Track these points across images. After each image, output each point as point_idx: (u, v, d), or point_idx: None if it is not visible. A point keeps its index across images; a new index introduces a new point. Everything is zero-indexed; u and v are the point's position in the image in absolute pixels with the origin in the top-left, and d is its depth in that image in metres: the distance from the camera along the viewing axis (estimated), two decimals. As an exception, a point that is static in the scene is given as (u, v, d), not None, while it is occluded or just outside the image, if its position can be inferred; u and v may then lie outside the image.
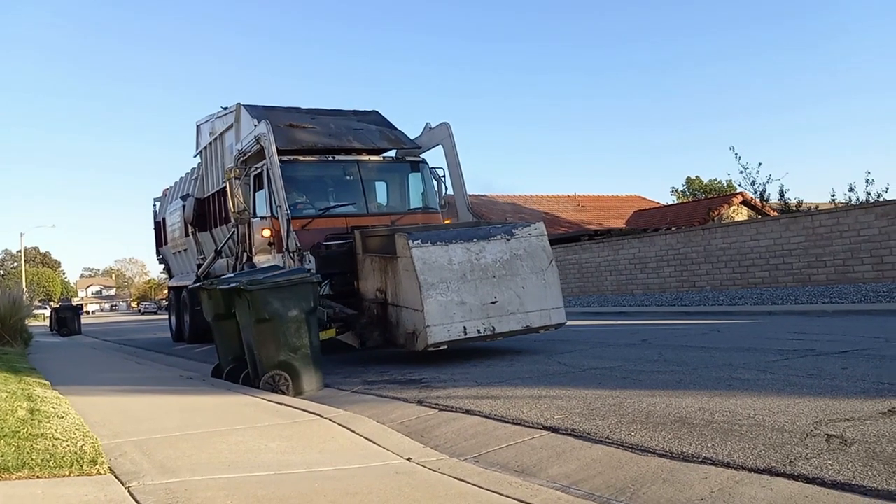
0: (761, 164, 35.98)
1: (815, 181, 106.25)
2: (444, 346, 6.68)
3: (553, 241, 7.66)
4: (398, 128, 10.85)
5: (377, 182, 10.14)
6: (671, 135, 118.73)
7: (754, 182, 21.04)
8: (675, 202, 39.38)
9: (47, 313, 38.03)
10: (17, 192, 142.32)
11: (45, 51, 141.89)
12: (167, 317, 17.18)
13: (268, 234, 8.89)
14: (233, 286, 6.17)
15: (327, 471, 3.24)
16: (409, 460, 3.43)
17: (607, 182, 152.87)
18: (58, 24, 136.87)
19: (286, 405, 5.00)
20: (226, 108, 11.41)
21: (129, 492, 2.81)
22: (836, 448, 2.96)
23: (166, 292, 24.70)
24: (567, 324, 7.63)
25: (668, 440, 3.34)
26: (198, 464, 3.32)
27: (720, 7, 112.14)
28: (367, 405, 5.08)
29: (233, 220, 9.78)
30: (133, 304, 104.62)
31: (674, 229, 20.60)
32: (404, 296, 6.87)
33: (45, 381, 6.95)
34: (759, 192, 21.25)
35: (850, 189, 19.51)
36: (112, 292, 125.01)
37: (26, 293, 17.90)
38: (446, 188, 10.19)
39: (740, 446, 3.11)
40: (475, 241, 7.08)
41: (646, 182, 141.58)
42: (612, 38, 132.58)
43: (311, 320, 6.13)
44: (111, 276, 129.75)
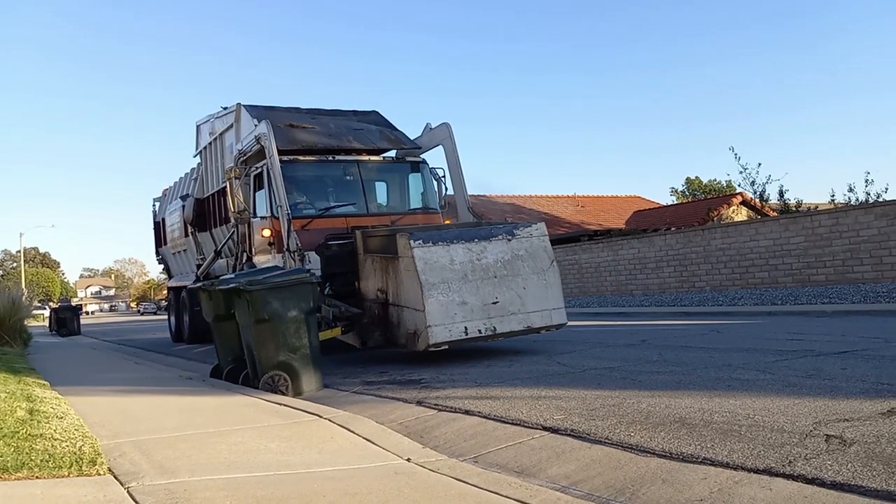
0: (761, 164, 35.98)
1: (814, 181, 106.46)
2: (446, 347, 6.68)
3: (553, 242, 7.66)
4: (398, 128, 10.85)
5: (377, 182, 10.15)
6: (671, 135, 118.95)
7: (754, 182, 21.06)
8: (675, 202, 39.45)
9: (46, 314, 38.01)
10: (16, 193, 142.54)
11: (45, 51, 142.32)
12: (166, 317, 17.19)
13: (268, 234, 8.90)
14: (232, 286, 6.17)
15: (326, 471, 3.24)
16: (409, 461, 3.43)
17: (607, 182, 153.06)
18: (58, 24, 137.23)
19: (285, 405, 4.99)
20: (226, 109, 11.42)
21: (128, 492, 2.81)
22: (835, 448, 2.96)
23: (166, 292, 24.68)
24: (567, 324, 7.64)
25: (668, 441, 3.34)
26: (197, 464, 3.32)
27: (720, 7, 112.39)
28: (367, 405, 5.07)
29: (233, 220, 9.78)
30: (132, 305, 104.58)
31: (673, 230, 20.62)
32: (405, 296, 6.87)
33: (45, 382, 6.95)
34: (758, 193, 21.25)
35: (850, 189, 19.57)
36: (111, 292, 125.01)
37: (25, 293, 17.88)
38: (446, 188, 10.20)
39: (740, 447, 3.11)
40: (476, 241, 7.08)
41: (645, 182, 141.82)
42: (611, 38, 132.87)
43: (311, 320, 6.13)
44: (110, 277, 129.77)
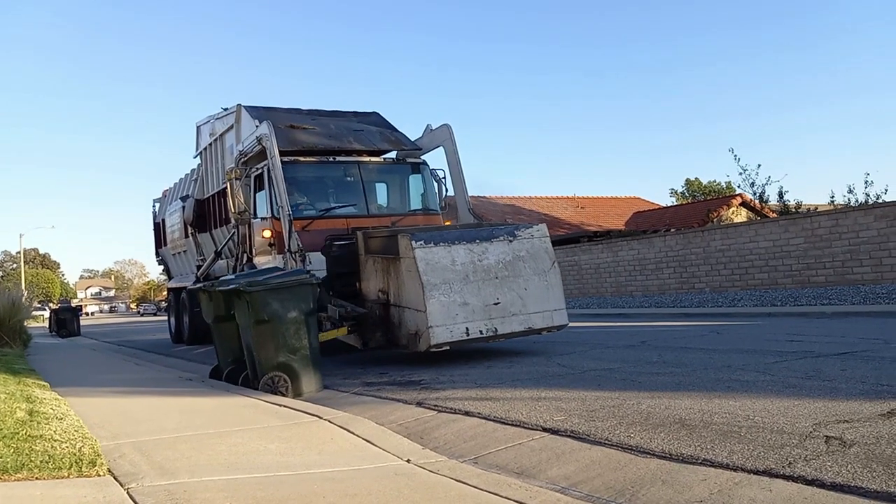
0: (760, 165, 36.22)
1: (814, 183, 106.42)
2: (447, 347, 6.68)
3: (552, 243, 7.66)
4: (398, 129, 10.86)
5: (377, 183, 10.15)
6: (670, 136, 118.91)
7: (753, 183, 21.05)
8: (675, 204, 39.47)
9: (46, 315, 38.03)
10: (16, 193, 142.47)
11: (44, 51, 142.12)
12: (166, 318, 17.18)
13: (268, 234, 8.90)
14: (232, 287, 6.17)
15: (326, 472, 3.24)
16: (409, 462, 3.43)
17: (606, 183, 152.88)
18: (57, 23, 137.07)
19: (285, 406, 4.99)
20: (226, 109, 11.42)
21: (128, 493, 2.81)
22: (835, 450, 2.97)
23: (165, 293, 24.69)
24: (568, 325, 7.64)
25: (668, 442, 3.34)
26: (197, 465, 3.32)
27: (720, 8, 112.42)
28: (367, 406, 5.07)
29: (233, 221, 9.78)
30: (132, 306, 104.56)
31: (673, 231, 20.62)
32: (407, 296, 6.87)
33: (44, 383, 6.95)
34: (758, 194, 21.24)
35: (850, 190, 19.60)
36: (111, 293, 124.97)
37: (25, 294, 17.88)
38: (446, 189, 10.20)
39: (740, 448, 3.11)
40: (478, 242, 7.08)
41: (645, 183, 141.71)
42: (610, 39, 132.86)
43: (311, 321, 6.13)
44: (110, 278, 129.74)
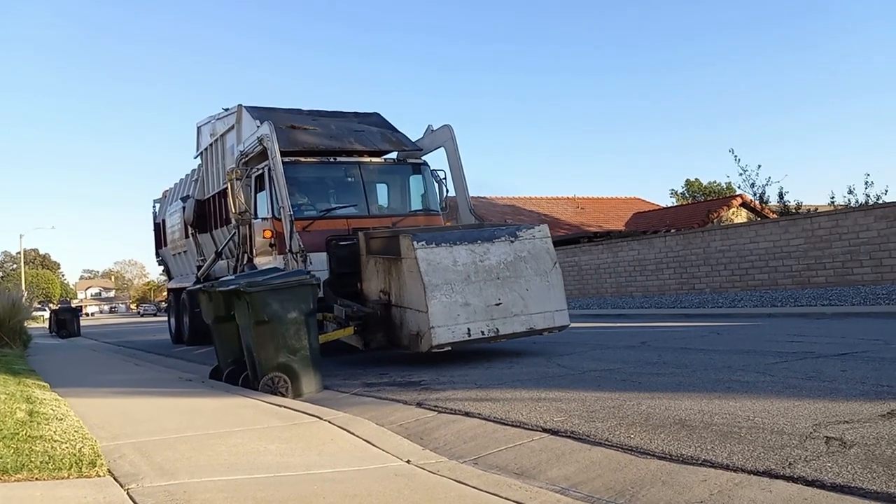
0: (760, 166, 36.21)
1: (814, 183, 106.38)
2: (449, 348, 6.68)
3: (552, 243, 7.66)
4: (399, 130, 10.86)
5: (378, 184, 10.14)
6: (670, 136, 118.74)
7: (753, 184, 21.05)
8: (675, 204, 39.46)
9: (46, 315, 38.04)
10: (16, 194, 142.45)
11: (44, 51, 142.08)
12: (166, 319, 17.19)
13: (269, 235, 8.90)
14: (232, 288, 6.18)
15: (326, 473, 3.24)
16: (409, 462, 3.43)
17: (606, 184, 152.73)
18: (57, 24, 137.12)
19: (285, 407, 4.99)
20: (227, 110, 11.42)
21: (127, 494, 2.80)
22: (835, 450, 2.96)
23: (165, 294, 24.68)
24: (570, 326, 7.64)
25: (668, 442, 3.34)
26: (197, 466, 3.31)
27: (720, 8, 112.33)
28: (367, 407, 5.07)
29: (234, 221, 9.78)
30: (132, 306, 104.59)
31: (673, 231, 20.61)
32: (408, 297, 6.87)
33: (45, 383, 6.95)
34: (758, 195, 21.24)
35: (850, 191, 19.65)
36: (111, 294, 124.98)
37: (25, 295, 17.87)
38: (447, 190, 10.20)
39: (740, 448, 3.11)
40: (479, 242, 7.08)
41: (645, 184, 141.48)
42: (610, 39, 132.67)
43: (311, 322, 6.13)
44: (110, 278, 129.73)
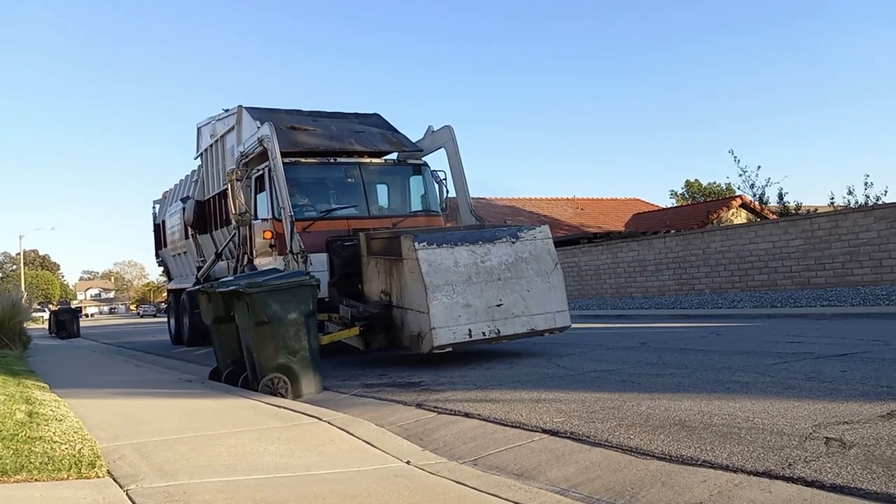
0: (760, 167, 36.30)
1: (813, 184, 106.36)
2: (450, 349, 6.67)
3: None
4: (399, 131, 10.86)
5: (378, 185, 10.14)
6: (670, 137, 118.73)
7: (753, 185, 21.04)
8: (674, 205, 39.47)
9: (46, 316, 38.05)
10: (16, 194, 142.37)
11: (44, 51, 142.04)
12: (166, 319, 17.19)
13: (269, 236, 8.90)
14: (232, 289, 6.17)
15: (326, 474, 3.24)
16: (408, 463, 3.43)
17: (606, 185, 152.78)
18: (57, 24, 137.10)
19: (285, 408, 4.99)
20: (227, 111, 11.42)
21: (127, 495, 2.80)
22: (835, 451, 2.96)
23: (165, 295, 24.69)
24: (571, 327, 7.63)
25: (667, 443, 3.33)
26: (196, 467, 3.31)
27: (719, 9, 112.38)
28: (366, 408, 5.07)
29: (234, 222, 9.78)
30: (132, 307, 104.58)
31: (673, 232, 20.61)
32: (409, 298, 6.86)
33: (44, 384, 6.94)
34: (757, 195, 21.24)
35: (849, 192, 19.62)
36: (111, 295, 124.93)
37: (25, 296, 17.86)
38: (447, 191, 10.19)
39: (739, 449, 3.11)
40: (480, 243, 7.07)
41: (645, 185, 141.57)
42: (610, 40, 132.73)
43: (311, 323, 6.13)
44: (110, 279, 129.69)
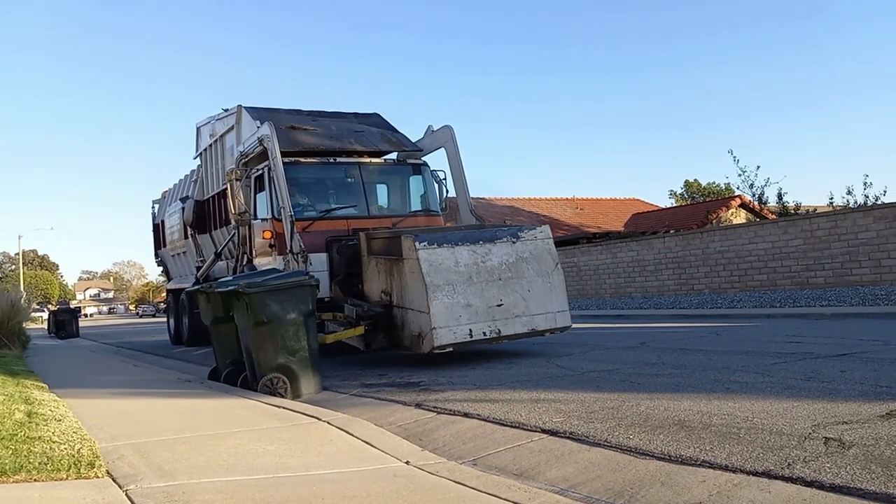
0: (759, 167, 36.28)
1: (813, 184, 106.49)
2: (450, 349, 6.67)
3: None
4: (399, 130, 10.85)
5: (378, 184, 10.13)
6: (670, 137, 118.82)
7: (752, 185, 21.02)
8: (674, 205, 39.48)
9: (45, 316, 38.02)
10: (15, 194, 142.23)
11: (44, 51, 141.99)
12: (165, 319, 17.19)
13: (269, 235, 8.89)
14: (231, 289, 6.17)
15: (325, 474, 3.24)
16: (408, 463, 3.43)
17: (606, 185, 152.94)
18: (57, 24, 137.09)
19: (284, 408, 4.99)
20: (226, 110, 11.41)
21: (126, 495, 2.80)
22: (834, 451, 2.96)
23: (164, 295, 24.68)
24: (571, 327, 7.63)
25: (667, 443, 3.33)
26: (195, 467, 3.31)
27: (719, 10, 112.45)
28: (366, 408, 5.07)
29: (233, 222, 9.77)
30: (131, 307, 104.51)
31: (672, 232, 20.62)
32: (410, 298, 6.86)
33: (43, 384, 6.94)
34: (757, 196, 21.23)
35: (849, 192, 19.60)
36: (110, 295, 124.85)
37: (24, 296, 17.84)
38: (447, 191, 10.19)
39: (738, 449, 3.11)
40: (481, 243, 7.07)
41: (644, 185, 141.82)
42: (610, 41, 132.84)
43: (310, 323, 6.13)
44: (109, 279, 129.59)
